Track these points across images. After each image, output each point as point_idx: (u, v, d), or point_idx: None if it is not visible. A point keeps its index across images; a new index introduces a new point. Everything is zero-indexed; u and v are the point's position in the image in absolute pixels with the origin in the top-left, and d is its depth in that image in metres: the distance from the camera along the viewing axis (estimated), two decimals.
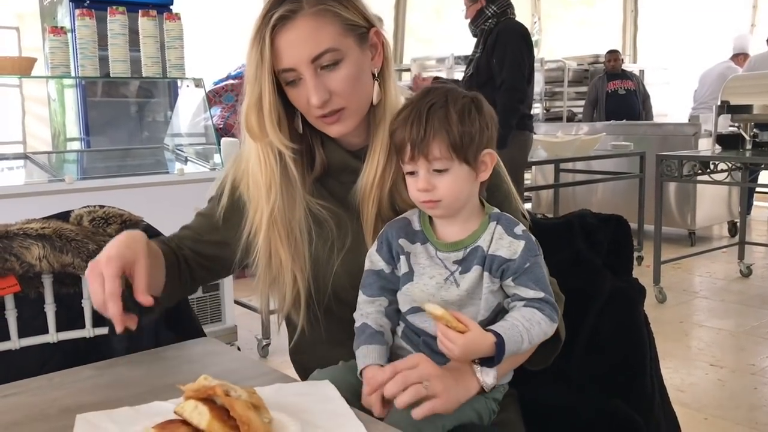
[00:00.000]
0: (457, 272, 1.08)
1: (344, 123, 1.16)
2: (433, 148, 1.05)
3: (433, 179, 1.06)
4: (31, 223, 1.30)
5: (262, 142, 1.15)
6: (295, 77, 1.11)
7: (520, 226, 1.11)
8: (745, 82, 4.49)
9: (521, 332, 1.05)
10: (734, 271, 4.82)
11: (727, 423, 2.62)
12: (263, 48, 1.09)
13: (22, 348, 1.33)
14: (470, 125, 1.06)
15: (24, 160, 3.39)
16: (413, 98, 1.11)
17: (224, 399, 0.83)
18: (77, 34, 2.98)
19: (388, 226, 1.15)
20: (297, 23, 1.09)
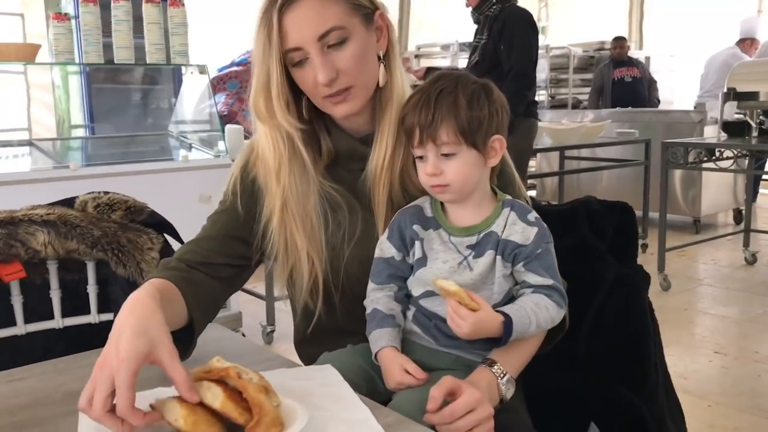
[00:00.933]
0: (470, 257, 1.09)
1: (351, 102, 1.15)
2: (441, 132, 1.06)
3: (441, 164, 1.07)
4: (36, 209, 1.31)
5: (270, 125, 1.16)
6: (301, 57, 1.12)
7: (533, 213, 1.13)
8: (752, 69, 4.47)
9: (529, 314, 1.06)
10: (739, 259, 4.81)
11: (730, 410, 2.62)
12: (270, 29, 1.09)
13: (27, 333, 1.34)
14: (479, 110, 1.07)
15: (29, 146, 3.40)
16: (424, 84, 1.12)
17: (237, 381, 0.83)
18: (81, 20, 2.97)
19: (400, 214, 1.16)
20: (303, 3, 1.09)
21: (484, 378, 1.07)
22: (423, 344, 1.13)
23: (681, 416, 1.35)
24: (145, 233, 1.35)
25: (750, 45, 6.56)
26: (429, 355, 1.13)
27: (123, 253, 1.31)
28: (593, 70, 7.78)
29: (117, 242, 1.31)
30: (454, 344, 1.11)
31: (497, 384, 1.07)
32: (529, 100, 4.05)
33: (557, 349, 1.18)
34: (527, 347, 1.13)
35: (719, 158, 4.23)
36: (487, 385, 1.06)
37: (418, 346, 1.14)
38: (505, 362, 1.09)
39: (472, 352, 1.12)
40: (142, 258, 1.32)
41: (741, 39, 6.59)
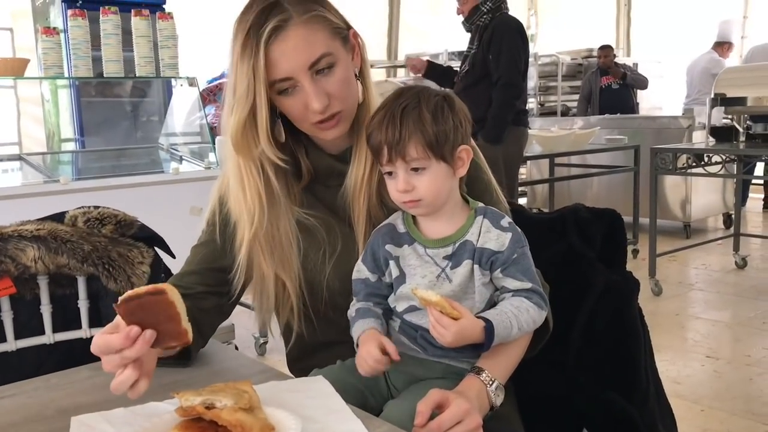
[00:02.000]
0: (448, 268, 1.09)
1: (341, 126, 1.17)
2: (409, 149, 1.06)
3: (412, 179, 1.07)
4: (25, 225, 1.31)
5: (248, 158, 1.14)
6: (290, 85, 1.11)
7: (506, 218, 1.13)
8: (739, 75, 4.50)
9: (510, 318, 1.06)
10: (729, 263, 4.83)
11: (723, 414, 2.63)
12: (257, 62, 1.08)
13: (18, 349, 1.33)
14: (444, 123, 1.07)
15: (19, 161, 3.40)
16: (386, 101, 1.11)
17: (208, 414, 0.84)
18: (70, 34, 2.97)
19: (373, 235, 1.16)
20: (290, 33, 1.09)
21: (474, 386, 1.07)
22: (412, 354, 1.14)
23: (672, 421, 1.35)
24: (135, 247, 1.35)
25: (727, 49, 6.63)
26: (418, 365, 1.13)
27: (114, 267, 1.31)
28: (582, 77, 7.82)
29: (107, 257, 1.31)
30: (442, 353, 1.11)
31: (486, 391, 1.07)
32: (518, 108, 4.07)
33: (548, 356, 1.19)
34: (514, 352, 1.13)
35: (708, 163, 4.26)
36: (477, 394, 1.06)
37: (407, 356, 1.14)
38: (493, 369, 1.09)
39: (461, 360, 1.13)
40: (133, 272, 1.32)
41: (718, 42, 6.64)
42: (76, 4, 3.69)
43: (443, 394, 1.01)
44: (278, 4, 1.09)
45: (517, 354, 1.14)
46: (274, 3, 1.09)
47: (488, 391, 1.07)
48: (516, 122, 4.02)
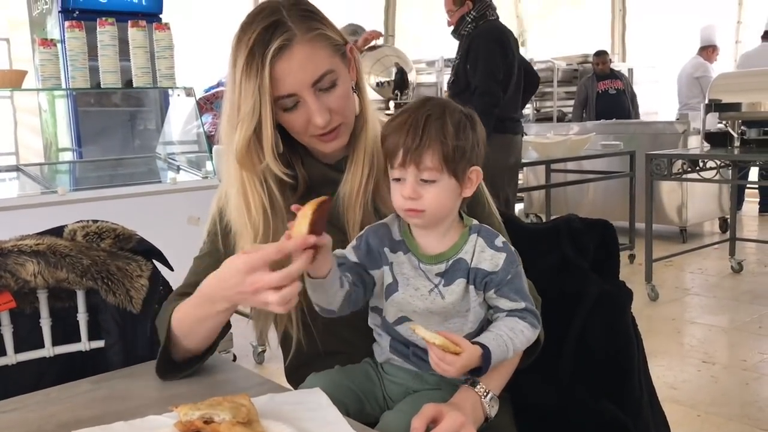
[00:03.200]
0: (440, 285, 1.10)
1: (341, 138, 1.19)
2: (425, 157, 1.05)
3: (420, 188, 1.07)
4: (25, 240, 1.32)
5: (252, 172, 1.15)
6: (294, 102, 1.13)
7: (500, 237, 1.13)
8: (733, 80, 4.53)
9: (506, 341, 1.07)
10: (726, 268, 4.85)
11: (720, 419, 2.65)
12: (262, 80, 1.09)
13: (18, 363, 1.34)
14: (464, 140, 1.08)
15: (17, 172, 3.40)
16: (409, 107, 1.12)
17: (207, 429, 0.86)
18: (67, 45, 2.99)
19: (370, 230, 1.15)
20: (294, 51, 1.10)
21: (469, 398, 1.08)
22: (407, 367, 1.15)
23: (667, 429, 1.37)
24: (134, 261, 1.36)
25: (711, 52, 6.68)
26: (413, 378, 1.14)
27: (112, 281, 1.32)
28: (577, 83, 7.85)
29: (106, 270, 1.32)
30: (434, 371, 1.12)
31: (481, 403, 1.09)
32: (502, 116, 4.03)
33: (542, 366, 1.20)
34: (507, 365, 1.14)
35: (703, 168, 4.28)
36: (472, 405, 1.07)
37: (402, 369, 1.15)
38: (487, 380, 1.10)
39: None
40: (132, 285, 1.33)
41: (702, 47, 6.69)
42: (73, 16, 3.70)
43: (437, 408, 1.02)
44: (281, 23, 1.10)
45: (510, 368, 1.15)
46: (277, 21, 1.10)
47: (483, 402, 1.09)
48: (500, 130, 3.97)
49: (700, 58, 6.66)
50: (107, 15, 3.20)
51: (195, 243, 3.28)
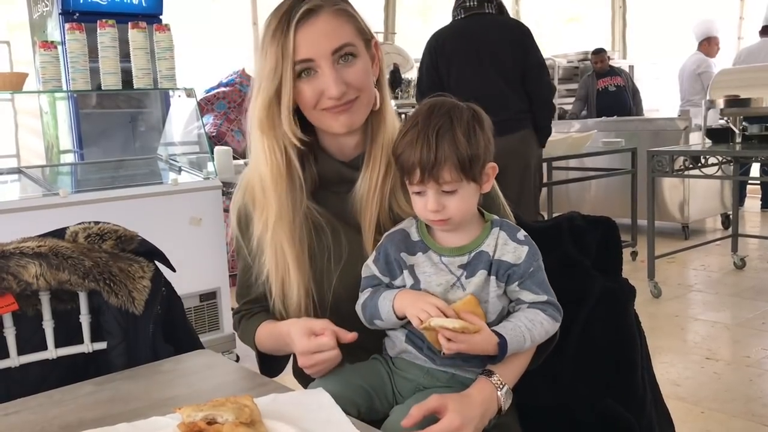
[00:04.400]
0: (462, 277, 1.11)
1: (353, 113, 1.19)
2: (443, 173, 1.07)
3: (442, 199, 1.09)
4: (27, 242, 1.32)
5: (272, 135, 1.18)
6: (311, 68, 1.16)
7: (522, 231, 1.15)
8: (734, 76, 4.52)
9: (524, 332, 1.09)
10: (728, 264, 4.84)
11: (723, 416, 2.64)
12: (286, 42, 1.14)
13: (21, 365, 1.34)
14: (476, 145, 1.09)
15: (18, 174, 3.41)
16: (417, 119, 1.11)
17: (210, 430, 0.86)
18: (67, 47, 2.99)
19: (387, 239, 1.17)
20: (319, 18, 1.15)
21: (485, 389, 1.09)
22: (419, 363, 1.15)
23: (671, 427, 1.36)
24: (136, 262, 1.36)
25: (710, 45, 6.62)
26: (425, 374, 1.15)
27: (115, 282, 1.32)
28: (578, 80, 7.84)
29: (108, 272, 1.32)
30: (450, 362, 1.13)
31: (497, 395, 1.09)
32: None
33: (545, 364, 1.20)
34: (522, 359, 1.15)
35: (705, 165, 4.27)
36: (487, 397, 1.08)
37: (414, 365, 1.15)
38: (502, 374, 1.11)
39: (467, 370, 1.14)
40: (134, 287, 1.33)
41: (700, 42, 6.65)
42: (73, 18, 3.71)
43: (442, 402, 1.02)
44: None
45: (525, 362, 1.16)
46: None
47: (498, 395, 1.09)
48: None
49: (701, 54, 6.63)
50: (107, 17, 3.21)
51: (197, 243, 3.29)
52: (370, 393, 1.14)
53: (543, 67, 3.71)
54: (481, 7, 3.66)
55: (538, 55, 3.65)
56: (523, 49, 3.60)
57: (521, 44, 3.61)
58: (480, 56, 3.62)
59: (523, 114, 3.64)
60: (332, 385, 1.09)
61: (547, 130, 3.75)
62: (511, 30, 3.67)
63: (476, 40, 3.63)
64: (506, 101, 3.60)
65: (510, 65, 3.60)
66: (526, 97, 3.64)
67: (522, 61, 3.60)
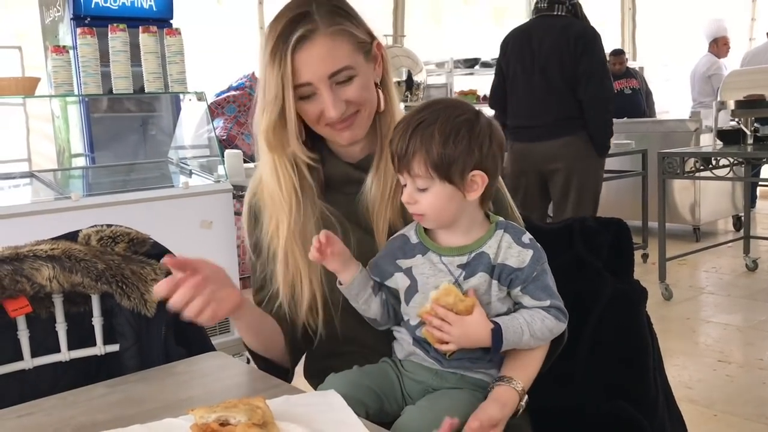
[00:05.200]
0: (461, 277, 1.10)
1: (355, 129, 1.20)
2: (413, 165, 1.07)
3: (416, 194, 1.10)
4: (40, 245, 1.33)
5: (281, 155, 1.20)
6: (310, 92, 1.17)
7: (527, 234, 1.14)
8: (745, 77, 4.50)
9: (521, 324, 1.09)
10: (740, 266, 4.82)
11: (736, 419, 2.63)
12: (284, 68, 1.14)
13: (35, 367, 1.35)
14: (453, 147, 1.06)
15: (30, 178, 3.43)
16: (412, 110, 1.13)
17: (223, 431, 0.86)
18: (79, 52, 3.01)
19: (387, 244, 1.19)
20: (315, 42, 1.14)
21: (510, 397, 1.10)
22: (427, 366, 1.15)
23: (683, 428, 1.36)
24: (148, 264, 1.37)
25: (720, 45, 6.57)
26: (434, 376, 1.15)
27: (127, 285, 1.32)
28: None
29: (121, 274, 1.32)
30: (458, 364, 1.13)
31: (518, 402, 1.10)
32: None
33: (556, 366, 1.20)
34: (534, 361, 1.15)
35: (716, 166, 4.25)
36: (511, 402, 1.09)
37: (422, 367, 1.16)
38: (518, 376, 1.12)
39: (476, 371, 1.14)
40: (146, 289, 1.34)
41: (710, 42, 6.61)
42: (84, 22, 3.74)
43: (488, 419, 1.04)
44: (307, 15, 1.14)
45: (538, 363, 1.16)
46: (303, 13, 1.15)
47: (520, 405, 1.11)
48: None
49: (711, 55, 6.59)
50: (118, 21, 3.22)
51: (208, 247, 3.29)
52: (379, 395, 1.14)
53: (594, 76, 3.57)
54: (551, 8, 3.63)
55: (592, 62, 3.55)
56: (575, 56, 3.53)
57: (575, 50, 3.53)
58: (533, 59, 3.61)
59: (568, 121, 3.59)
60: (341, 386, 1.09)
61: (600, 139, 3.66)
62: (569, 34, 3.57)
63: (534, 42, 3.62)
64: (548, 107, 3.60)
65: (557, 71, 3.57)
66: (576, 103, 3.58)
67: (573, 68, 3.54)
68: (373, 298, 1.16)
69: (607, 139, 3.72)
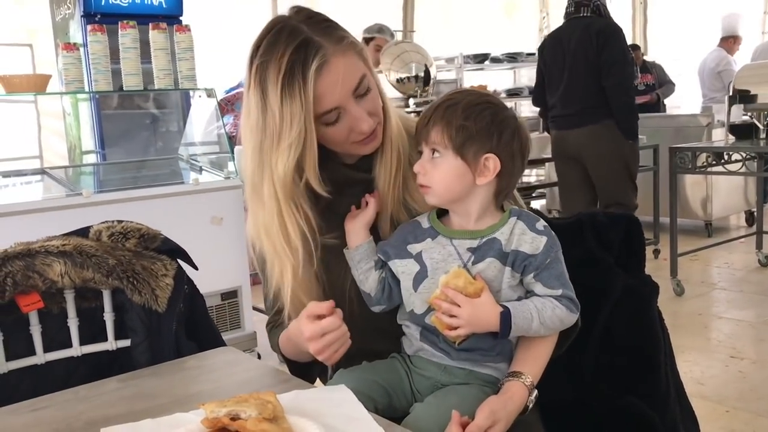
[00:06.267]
0: (469, 262, 1.11)
1: (379, 137, 1.20)
2: (432, 132, 1.11)
3: (428, 164, 1.12)
4: (52, 241, 1.33)
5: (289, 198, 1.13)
6: (336, 116, 1.13)
7: (541, 221, 1.15)
8: (756, 71, 4.46)
9: (530, 309, 1.09)
10: (752, 261, 4.78)
11: (749, 415, 2.61)
12: (306, 100, 1.07)
13: (47, 362, 1.36)
14: (473, 122, 1.10)
15: (42, 175, 3.45)
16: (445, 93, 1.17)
17: (234, 425, 0.86)
18: (89, 49, 3.02)
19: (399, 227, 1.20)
20: (332, 65, 1.09)
21: (519, 392, 1.10)
22: (435, 361, 1.15)
23: (695, 424, 1.35)
24: (159, 260, 1.37)
25: (733, 43, 6.52)
26: (442, 371, 1.15)
27: (138, 280, 1.33)
28: None
29: (132, 270, 1.33)
30: (466, 357, 1.13)
31: (527, 398, 1.10)
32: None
33: (567, 361, 1.20)
34: (543, 354, 1.15)
35: (728, 161, 4.22)
36: (520, 398, 1.09)
37: (431, 363, 1.16)
38: (528, 371, 1.12)
39: (484, 365, 1.14)
40: (157, 285, 1.34)
41: (724, 38, 6.55)
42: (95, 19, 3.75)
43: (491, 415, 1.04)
44: (311, 41, 1.09)
45: (547, 356, 1.16)
46: (306, 40, 1.08)
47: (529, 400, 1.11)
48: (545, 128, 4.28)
49: (722, 51, 6.53)
50: (128, 18, 3.23)
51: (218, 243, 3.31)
52: (388, 390, 1.14)
53: (615, 64, 3.86)
54: (577, 11, 4.05)
55: (614, 53, 3.86)
56: (597, 49, 3.87)
57: (596, 44, 3.87)
58: (564, 58, 4.02)
59: (594, 109, 3.93)
60: (349, 382, 1.09)
61: (624, 123, 3.94)
62: (591, 31, 3.92)
63: (564, 43, 4.04)
64: (574, 97, 4.00)
65: (582, 64, 3.93)
66: (601, 93, 3.90)
67: (596, 60, 3.87)
68: (373, 271, 1.18)
69: (632, 122, 3.99)
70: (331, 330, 1.08)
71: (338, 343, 1.10)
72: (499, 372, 1.15)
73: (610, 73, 3.85)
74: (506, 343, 1.14)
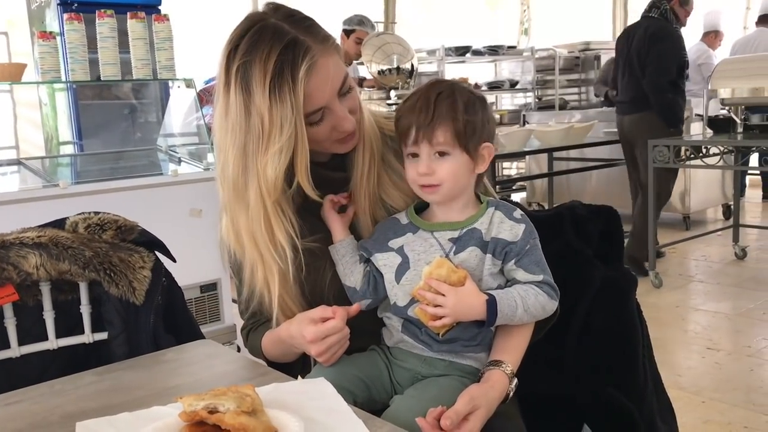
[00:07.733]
0: (451, 252, 1.12)
1: (357, 135, 1.19)
2: (438, 132, 1.10)
3: (434, 164, 1.11)
4: (27, 232, 1.31)
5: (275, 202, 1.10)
6: (321, 115, 1.12)
7: (518, 210, 1.16)
8: (735, 66, 4.50)
9: (515, 297, 1.10)
10: (729, 254, 4.84)
11: (724, 405, 2.65)
12: (296, 101, 1.05)
13: (22, 356, 1.34)
14: (474, 115, 1.11)
15: (18, 165, 3.40)
16: (418, 89, 1.15)
17: (211, 419, 0.85)
18: (66, 38, 2.97)
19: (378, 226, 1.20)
20: (320, 65, 1.08)
21: (500, 380, 1.10)
22: (416, 353, 1.15)
23: (672, 415, 1.36)
24: (136, 252, 1.36)
25: (714, 38, 6.58)
26: (422, 363, 1.15)
27: (115, 272, 1.31)
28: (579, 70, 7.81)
29: (109, 262, 1.31)
30: (447, 348, 1.13)
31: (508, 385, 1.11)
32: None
33: (546, 353, 1.20)
34: (523, 341, 1.16)
35: (706, 155, 4.26)
36: (501, 386, 1.10)
37: (411, 354, 1.16)
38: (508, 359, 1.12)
39: (464, 356, 1.14)
40: (134, 277, 1.33)
41: (705, 32, 6.62)
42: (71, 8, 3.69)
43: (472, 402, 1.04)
44: (298, 41, 1.07)
45: (525, 344, 1.17)
46: (292, 40, 1.06)
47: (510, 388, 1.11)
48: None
49: (703, 45, 6.59)
50: (106, 7, 3.18)
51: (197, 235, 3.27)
52: (367, 383, 1.14)
53: (652, 65, 4.36)
54: (648, 10, 4.59)
55: (658, 52, 4.34)
56: (647, 48, 4.38)
57: (646, 44, 4.39)
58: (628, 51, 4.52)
59: (635, 101, 4.48)
60: (328, 375, 1.08)
61: (663, 116, 4.35)
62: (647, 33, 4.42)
63: (630, 37, 4.55)
64: (630, 87, 4.53)
65: (636, 60, 4.44)
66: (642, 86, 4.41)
67: (644, 57, 4.39)
68: (357, 265, 1.18)
69: (671, 116, 4.38)
70: (335, 332, 1.09)
71: (338, 344, 1.11)
72: (479, 362, 1.15)
73: (646, 73, 4.38)
74: (487, 333, 1.14)
